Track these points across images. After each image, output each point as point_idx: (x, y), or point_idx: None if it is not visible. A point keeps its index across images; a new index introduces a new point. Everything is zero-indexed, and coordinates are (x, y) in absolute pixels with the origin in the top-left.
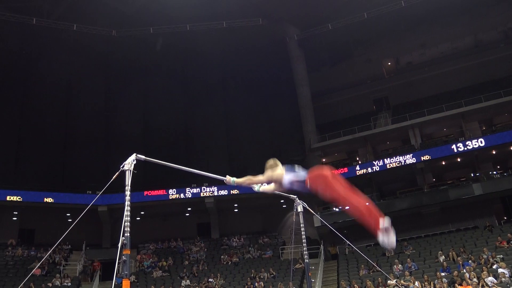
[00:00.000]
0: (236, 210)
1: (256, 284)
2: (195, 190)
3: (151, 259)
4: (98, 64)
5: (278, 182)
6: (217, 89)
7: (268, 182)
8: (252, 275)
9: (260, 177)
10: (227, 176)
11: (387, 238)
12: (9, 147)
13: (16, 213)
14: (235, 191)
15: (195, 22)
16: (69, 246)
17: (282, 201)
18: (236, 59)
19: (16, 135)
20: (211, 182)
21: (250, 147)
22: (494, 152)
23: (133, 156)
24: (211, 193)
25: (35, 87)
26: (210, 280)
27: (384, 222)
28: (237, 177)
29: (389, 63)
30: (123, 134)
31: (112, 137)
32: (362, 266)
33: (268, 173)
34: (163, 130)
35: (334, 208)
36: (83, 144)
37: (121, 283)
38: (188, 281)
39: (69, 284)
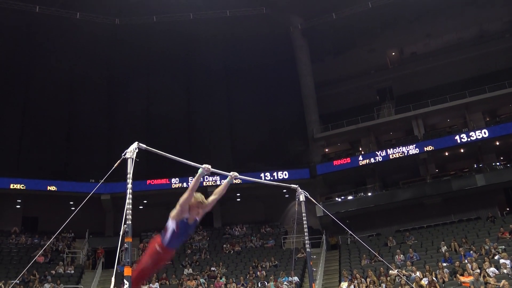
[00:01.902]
0: (238, 200)
1: (258, 273)
2: None
3: None
4: (101, 54)
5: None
6: (220, 78)
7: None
8: (254, 264)
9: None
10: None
11: None
12: (13, 135)
13: (20, 201)
14: (237, 181)
15: (198, 11)
16: (72, 234)
17: (284, 190)
18: (239, 49)
19: (19, 123)
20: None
21: (253, 138)
22: (497, 143)
23: (135, 145)
24: (213, 182)
25: (38, 76)
26: (212, 269)
27: None
28: (239, 165)
29: (393, 53)
30: (127, 123)
31: (116, 126)
32: (364, 256)
33: (181, 206)
34: (166, 120)
35: (337, 198)
36: (86, 133)
37: (123, 270)
38: (190, 269)
39: (72, 271)
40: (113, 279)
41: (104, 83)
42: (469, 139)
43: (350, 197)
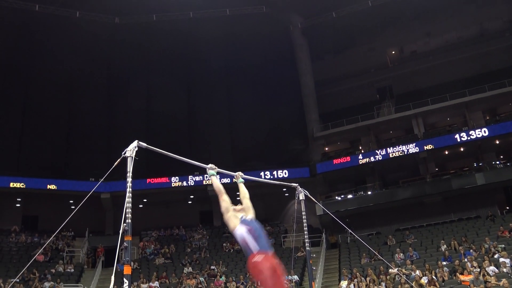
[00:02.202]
0: (238, 198)
1: None
2: (197, 178)
3: (153, 246)
4: (101, 53)
5: (230, 225)
6: (220, 77)
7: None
8: None
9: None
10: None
11: None
12: (13, 134)
13: (20, 199)
14: None
15: (198, 9)
16: (72, 233)
17: (284, 189)
18: (239, 48)
19: (19, 122)
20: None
21: (253, 136)
22: (497, 142)
23: (135, 143)
24: None
25: (38, 75)
26: (212, 267)
27: None
28: (239, 164)
29: (393, 52)
30: (126, 122)
31: (115, 125)
32: (364, 254)
33: (228, 213)
34: (166, 119)
35: (337, 197)
36: (86, 132)
37: (123, 269)
38: (190, 268)
39: (72, 270)
40: (112, 277)
41: (104, 82)
42: (469, 138)
43: (350, 196)
